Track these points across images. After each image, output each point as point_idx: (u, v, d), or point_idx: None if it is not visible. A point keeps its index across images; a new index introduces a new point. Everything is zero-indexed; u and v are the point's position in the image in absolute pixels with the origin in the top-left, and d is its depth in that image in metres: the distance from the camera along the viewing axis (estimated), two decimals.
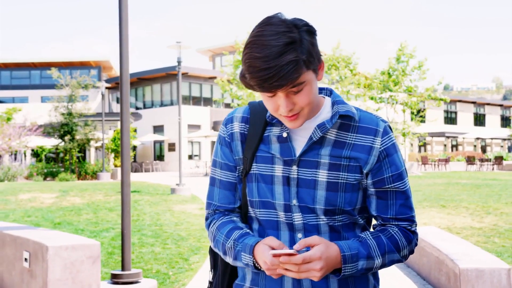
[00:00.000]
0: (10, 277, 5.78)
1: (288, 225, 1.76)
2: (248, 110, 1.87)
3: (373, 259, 1.71)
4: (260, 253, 1.63)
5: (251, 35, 1.61)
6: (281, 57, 1.54)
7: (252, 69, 1.57)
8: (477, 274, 5.06)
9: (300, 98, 1.64)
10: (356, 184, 1.77)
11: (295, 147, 1.77)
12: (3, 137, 29.73)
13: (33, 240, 5.21)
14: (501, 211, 12.30)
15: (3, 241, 5.97)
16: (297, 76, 1.57)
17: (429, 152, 56.49)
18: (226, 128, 1.87)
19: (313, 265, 1.56)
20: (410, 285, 6.30)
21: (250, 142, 1.82)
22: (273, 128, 1.81)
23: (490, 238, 9.09)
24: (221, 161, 1.87)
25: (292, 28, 1.58)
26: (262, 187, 1.78)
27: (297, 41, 1.57)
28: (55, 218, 11.73)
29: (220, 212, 1.88)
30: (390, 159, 1.79)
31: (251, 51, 1.58)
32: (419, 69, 32.88)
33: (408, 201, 1.81)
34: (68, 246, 4.95)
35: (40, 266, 4.98)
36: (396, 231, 1.78)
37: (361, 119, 1.80)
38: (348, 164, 1.75)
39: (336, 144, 1.76)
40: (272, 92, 1.61)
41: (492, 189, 17.93)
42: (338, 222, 1.76)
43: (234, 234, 1.76)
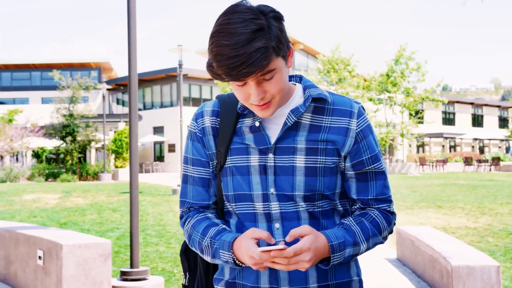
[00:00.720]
0: (23, 274, 6.05)
1: (265, 216, 1.74)
2: (218, 104, 1.85)
3: (359, 245, 1.72)
4: (243, 249, 1.60)
5: (216, 24, 1.59)
6: (250, 44, 1.52)
7: (220, 57, 1.54)
8: (468, 271, 5.32)
9: (271, 86, 1.62)
10: (334, 167, 1.75)
11: (269, 135, 1.75)
12: (5, 138, 30.03)
13: (47, 239, 5.49)
14: (496, 211, 12.61)
15: (16, 240, 6.25)
16: (266, 63, 1.55)
17: (427, 153, 56.70)
18: (197, 123, 1.84)
19: (303, 256, 1.55)
20: (405, 282, 6.57)
21: (223, 136, 1.79)
22: (245, 119, 1.79)
23: (484, 237, 9.37)
24: (192, 157, 1.84)
25: (259, 15, 1.56)
26: (237, 179, 1.76)
27: (265, 27, 1.55)
28: (60, 218, 12.02)
29: (194, 209, 1.85)
30: (367, 140, 1.79)
31: (218, 40, 1.55)
32: (418, 71, 33.17)
33: (386, 181, 1.82)
34: (81, 245, 5.22)
35: (55, 264, 5.25)
36: (377, 214, 1.78)
37: (335, 101, 1.79)
38: (325, 148, 1.74)
39: (311, 128, 1.75)
40: (242, 81, 1.58)
41: (488, 190, 18.26)
42: (318, 208, 1.75)
43: (210, 232, 1.74)
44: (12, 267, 6.37)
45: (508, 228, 10.18)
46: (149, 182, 24.59)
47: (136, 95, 6.46)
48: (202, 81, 44.77)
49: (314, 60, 47.79)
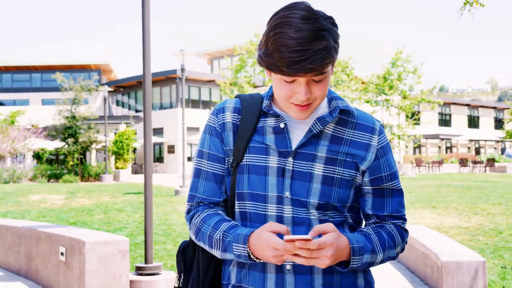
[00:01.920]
0: (45, 269, 6.51)
1: (276, 218, 1.73)
2: (240, 102, 1.85)
3: (376, 254, 1.71)
4: (264, 241, 1.58)
5: (278, 16, 1.60)
6: (316, 42, 1.54)
7: (284, 49, 1.54)
8: (456, 266, 5.78)
9: (318, 88, 1.65)
10: (350, 180, 1.76)
11: (292, 139, 1.75)
12: (9, 140, 30.45)
13: (69, 237, 5.94)
14: (488, 211, 13.05)
15: (37, 238, 6.71)
16: (328, 62, 1.59)
17: (423, 154, 57.17)
18: (217, 118, 1.83)
19: (325, 251, 1.54)
20: (400, 277, 7.03)
21: (243, 133, 1.78)
22: (267, 119, 1.79)
23: (475, 236, 9.84)
24: (209, 152, 1.82)
25: (320, 17, 1.59)
26: (253, 178, 1.75)
27: (327, 29, 1.58)
28: (69, 218, 12.45)
29: (204, 204, 1.83)
30: (387, 157, 1.81)
31: (283, 31, 1.56)
32: (414, 74, 33.62)
33: (403, 199, 1.84)
34: (102, 242, 5.68)
35: (77, 259, 5.71)
36: (392, 228, 1.79)
37: (359, 116, 1.81)
38: (344, 160, 1.75)
39: (333, 139, 1.76)
40: (299, 76, 1.58)
41: (482, 191, 18.67)
42: (329, 218, 1.75)
43: (223, 226, 1.71)
44: (33, 263, 6.82)
45: (498, 228, 10.65)
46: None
47: (150, 95, 6.76)
48: (201, 83, 45.16)
49: None
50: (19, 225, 7.32)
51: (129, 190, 19.93)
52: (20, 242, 7.16)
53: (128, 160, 35.02)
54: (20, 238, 7.17)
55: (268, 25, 1.61)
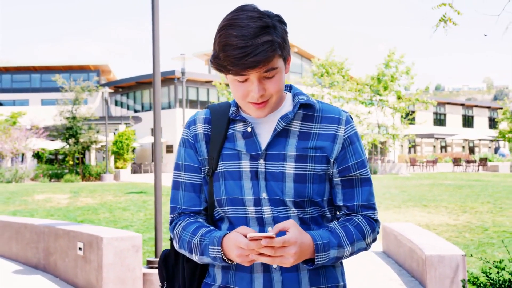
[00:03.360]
0: (63, 263, 7.08)
1: (257, 220, 1.75)
2: (209, 112, 1.89)
3: (343, 248, 1.72)
4: (231, 241, 1.62)
5: (225, 19, 1.66)
6: (258, 38, 1.59)
7: (228, 48, 1.60)
8: (438, 259, 6.33)
9: (271, 85, 1.67)
10: (323, 174, 1.78)
11: (260, 141, 1.78)
12: (11, 140, 30.97)
13: (87, 233, 6.52)
14: (476, 210, 13.54)
15: (55, 234, 7.29)
16: (272, 55, 1.61)
17: (418, 153, 57.69)
18: (190, 130, 1.88)
19: (289, 249, 1.56)
20: (389, 271, 7.57)
21: (215, 141, 1.81)
22: (236, 126, 1.82)
23: (462, 233, 10.37)
24: (185, 164, 1.86)
25: (265, 16, 1.64)
26: (230, 184, 1.77)
27: (272, 26, 1.63)
28: (76, 217, 12.96)
29: (185, 214, 1.86)
30: (353, 147, 1.82)
31: (227, 31, 1.61)
32: (407, 74, 34.16)
33: (371, 188, 1.85)
34: (118, 237, 6.26)
35: (95, 254, 6.28)
36: (361, 220, 1.80)
37: (324, 109, 1.84)
38: (314, 155, 1.77)
39: (301, 135, 1.78)
40: (246, 72, 1.62)
41: (472, 190, 19.10)
42: (308, 214, 1.77)
43: (200, 231, 1.75)
44: (52, 258, 7.39)
45: (484, 225, 11.19)
46: (151, 183, 25.41)
47: (159, 94, 7.14)
48: (199, 83, 45.61)
49: (309, 62, 48.80)
50: (37, 223, 7.90)
51: (131, 190, 20.40)
52: (38, 239, 7.74)
53: (128, 159, 35.57)
54: (38, 235, 7.74)
55: (217, 29, 1.67)
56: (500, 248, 8.91)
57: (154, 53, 7.21)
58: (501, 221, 11.74)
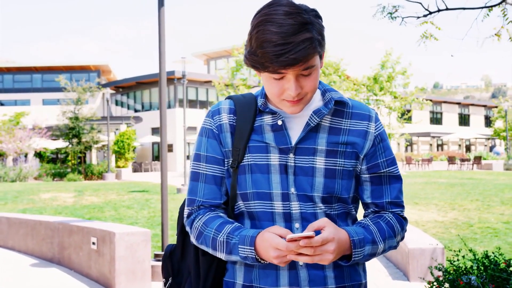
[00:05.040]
0: (77, 256, 7.71)
1: (284, 215, 1.71)
2: (233, 102, 1.83)
3: (376, 244, 1.70)
4: (267, 242, 1.57)
5: (261, 14, 1.60)
6: (298, 35, 1.54)
7: (267, 44, 1.54)
8: (420, 252, 6.89)
9: (308, 82, 1.63)
10: (351, 170, 1.76)
11: (291, 135, 1.74)
12: (15, 140, 31.57)
13: (100, 229, 7.13)
14: (465, 207, 14.01)
15: (70, 230, 7.91)
16: (312, 54, 1.57)
17: (415, 151, 58.24)
18: (213, 120, 1.81)
19: (328, 246, 1.53)
20: (377, 263, 8.08)
21: (241, 133, 1.76)
22: (264, 117, 1.78)
23: (448, 229, 10.91)
24: (207, 155, 1.80)
25: (302, 11, 1.58)
26: (257, 177, 1.73)
27: (310, 22, 1.57)
28: (84, 214, 13.52)
29: (205, 207, 1.80)
30: (383, 144, 1.80)
31: (265, 27, 1.56)
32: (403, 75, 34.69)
33: (401, 186, 1.83)
34: (129, 232, 6.87)
35: (108, 247, 6.90)
36: (391, 217, 1.78)
37: (354, 105, 1.81)
38: (344, 151, 1.74)
39: (331, 130, 1.75)
40: (284, 70, 1.58)
41: (464, 188, 19.44)
42: (334, 211, 1.74)
43: (226, 228, 1.70)
44: (66, 252, 8.02)
45: (470, 222, 11.73)
46: (152, 182, 25.90)
47: (165, 93, 7.57)
48: (198, 83, 46.16)
49: None
50: (51, 220, 8.53)
51: (133, 189, 20.93)
52: (53, 234, 8.36)
53: (129, 159, 36.22)
54: (53, 231, 8.37)
55: (251, 24, 1.62)
56: (482, 243, 9.52)
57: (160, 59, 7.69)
58: (487, 217, 12.28)
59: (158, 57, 7.70)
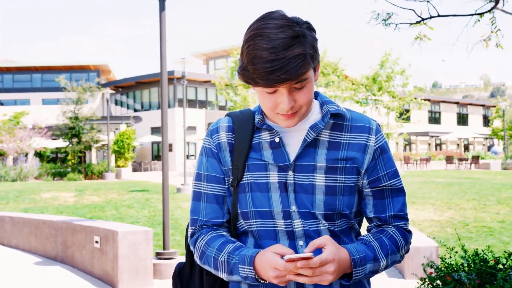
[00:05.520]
0: (80, 255, 7.90)
1: (287, 233, 1.69)
2: (231, 120, 1.81)
3: (378, 261, 1.67)
4: (266, 262, 1.55)
5: (252, 28, 1.57)
6: (289, 50, 1.50)
7: (257, 60, 1.51)
8: (415, 250, 7.07)
9: (301, 96, 1.60)
10: (353, 186, 1.72)
11: (289, 152, 1.71)
12: (15, 140, 31.76)
13: (103, 228, 7.32)
14: (461, 206, 14.15)
15: (73, 229, 8.10)
16: (304, 71, 1.52)
17: (413, 151, 58.56)
18: (212, 139, 1.79)
19: (327, 267, 1.52)
20: None
21: (239, 151, 1.74)
22: (262, 134, 1.75)
23: (444, 228, 11.12)
24: (207, 174, 1.79)
25: (294, 24, 1.54)
26: (257, 196, 1.71)
27: (302, 35, 1.53)
28: (85, 214, 13.72)
29: (208, 227, 1.78)
30: (384, 157, 1.76)
31: (255, 42, 1.52)
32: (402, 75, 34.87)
33: (405, 198, 1.78)
34: (131, 231, 7.05)
35: (111, 246, 7.09)
36: (394, 231, 1.75)
37: (353, 118, 1.76)
38: (345, 166, 1.71)
39: (330, 145, 1.72)
40: (276, 86, 1.55)
41: (461, 187, 19.55)
42: (338, 227, 1.72)
43: (227, 248, 1.68)
44: (69, 251, 8.21)
45: (466, 221, 11.93)
46: (152, 181, 26.01)
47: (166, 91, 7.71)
48: (198, 83, 46.40)
49: None
50: (55, 219, 8.73)
51: (133, 188, 21.08)
52: (56, 233, 8.55)
53: (129, 158, 36.43)
54: (56, 230, 8.56)
55: (243, 38, 1.59)
56: (477, 241, 9.72)
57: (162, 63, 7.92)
58: (482, 217, 12.46)
59: (160, 60, 7.91)
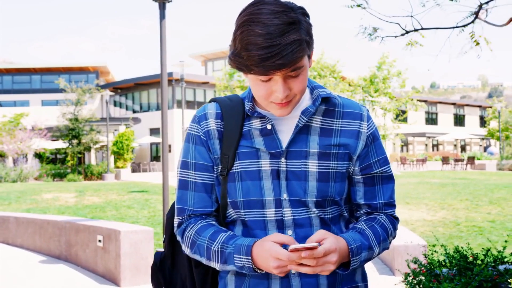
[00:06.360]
0: (84, 253, 8.20)
1: (277, 222, 1.66)
2: (219, 106, 1.76)
3: (372, 249, 1.67)
4: (266, 251, 1.52)
5: (245, 13, 1.51)
6: (285, 36, 1.45)
7: (252, 47, 1.46)
8: (404, 249, 7.32)
9: (296, 84, 1.56)
10: (344, 172, 1.71)
11: (281, 138, 1.68)
12: (16, 141, 32.03)
13: (106, 227, 7.62)
14: (454, 207, 14.43)
15: (76, 229, 8.41)
16: (300, 56, 1.48)
17: (410, 152, 58.87)
18: (200, 126, 1.74)
19: (330, 257, 1.51)
20: None
21: (229, 139, 1.69)
22: (252, 122, 1.71)
23: (436, 228, 11.37)
24: (195, 162, 1.73)
25: (289, 9, 1.50)
26: (247, 185, 1.67)
27: (297, 22, 1.48)
28: (86, 214, 13.97)
29: (196, 216, 1.74)
30: (376, 143, 1.75)
31: (249, 28, 1.47)
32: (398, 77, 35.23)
33: (393, 185, 1.78)
34: (133, 231, 7.36)
35: (114, 245, 7.40)
36: (385, 219, 1.75)
37: (345, 104, 1.74)
38: (337, 152, 1.69)
39: (322, 132, 1.69)
40: (271, 74, 1.50)
41: (455, 188, 19.79)
42: (328, 214, 1.70)
43: (220, 237, 1.64)
44: (73, 249, 8.51)
45: (457, 221, 12.18)
46: (151, 182, 26.18)
47: (166, 94, 7.96)
48: (196, 84, 46.67)
49: None
50: (59, 219, 9.03)
51: (133, 189, 21.31)
52: (60, 233, 8.86)
53: (128, 159, 36.71)
54: (60, 229, 8.87)
55: (236, 24, 1.54)
56: (467, 240, 10.02)
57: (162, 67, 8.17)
58: (474, 217, 12.73)
59: (160, 66, 8.16)
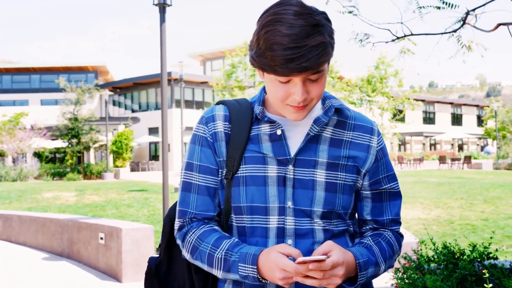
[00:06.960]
0: (86, 251, 8.42)
1: (277, 231, 1.62)
2: (227, 108, 1.73)
3: (379, 266, 1.64)
4: (273, 262, 1.47)
5: (270, 13, 1.49)
6: (311, 38, 1.43)
7: (277, 47, 1.43)
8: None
9: (315, 88, 1.53)
10: (352, 185, 1.68)
11: (290, 145, 1.64)
12: (15, 140, 32.23)
13: (107, 225, 7.84)
14: (448, 205, 14.63)
15: (78, 227, 8.63)
16: (324, 60, 1.47)
17: (408, 151, 59.13)
18: (208, 127, 1.70)
19: (337, 271, 1.47)
20: None
21: (236, 142, 1.66)
22: (261, 126, 1.68)
23: (430, 226, 11.54)
24: (200, 164, 1.69)
25: (313, 12, 1.49)
26: (252, 190, 1.63)
27: (321, 24, 1.47)
28: (86, 213, 14.16)
29: (198, 220, 1.69)
30: (385, 159, 1.74)
31: (275, 28, 1.44)
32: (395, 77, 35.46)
33: (401, 202, 1.77)
34: (134, 228, 7.57)
35: (115, 242, 7.61)
36: (391, 236, 1.73)
37: (356, 117, 1.73)
38: (346, 164, 1.66)
39: (332, 142, 1.67)
40: (294, 75, 1.47)
41: (451, 187, 19.98)
42: (333, 227, 1.66)
43: (224, 244, 1.59)
44: (75, 247, 8.74)
45: (452, 219, 12.37)
46: (150, 181, 26.34)
47: (166, 94, 8.23)
48: (195, 84, 46.88)
49: None
50: (61, 218, 9.26)
51: (132, 188, 21.50)
52: (62, 231, 9.08)
53: (127, 158, 36.92)
54: (62, 227, 9.09)
55: (259, 23, 1.51)
56: (459, 238, 10.23)
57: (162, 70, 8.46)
58: (468, 215, 12.93)
59: (160, 68, 8.42)
